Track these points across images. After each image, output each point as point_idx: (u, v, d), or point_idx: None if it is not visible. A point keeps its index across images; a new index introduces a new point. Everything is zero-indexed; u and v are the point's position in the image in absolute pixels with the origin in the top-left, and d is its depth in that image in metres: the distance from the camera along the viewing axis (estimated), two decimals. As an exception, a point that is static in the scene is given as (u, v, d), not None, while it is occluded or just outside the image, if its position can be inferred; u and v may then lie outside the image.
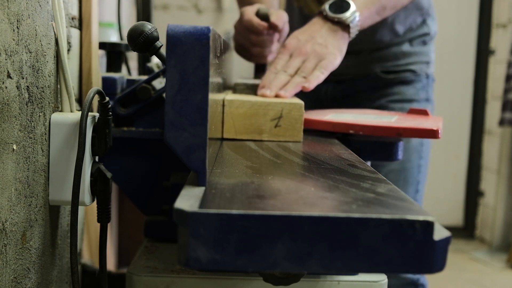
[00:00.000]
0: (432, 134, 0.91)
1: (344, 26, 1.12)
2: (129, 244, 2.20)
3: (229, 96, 0.97)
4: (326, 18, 1.12)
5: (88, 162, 0.79)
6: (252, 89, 1.06)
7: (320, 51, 1.08)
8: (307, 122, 0.99)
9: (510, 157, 3.56)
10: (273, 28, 1.25)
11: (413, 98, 1.45)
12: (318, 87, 1.46)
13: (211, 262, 0.50)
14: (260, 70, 1.39)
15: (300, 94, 1.50)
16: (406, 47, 1.46)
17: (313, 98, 1.52)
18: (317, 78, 1.07)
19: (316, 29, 1.12)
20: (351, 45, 1.18)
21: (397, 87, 1.46)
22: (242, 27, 1.28)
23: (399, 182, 1.43)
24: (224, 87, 1.07)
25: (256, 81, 1.13)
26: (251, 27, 1.26)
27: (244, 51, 1.36)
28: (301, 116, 0.93)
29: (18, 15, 0.66)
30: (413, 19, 1.45)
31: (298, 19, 1.50)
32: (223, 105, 0.91)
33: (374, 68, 1.46)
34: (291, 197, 0.58)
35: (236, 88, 1.09)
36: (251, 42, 1.29)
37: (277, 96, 1.02)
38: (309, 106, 1.38)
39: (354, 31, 1.13)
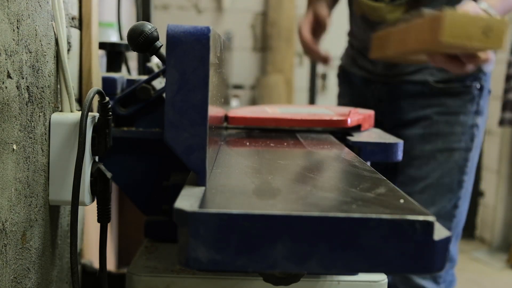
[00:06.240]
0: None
1: None
2: (129, 244, 2.20)
3: None
4: None
5: (88, 162, 0.79)
6: None
7: None
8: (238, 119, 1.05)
9: (510, 157, 3.57)
10: None
11: (459, 111, 1.41)
12: (366, 85, 1.54)
13: (211, 262, 0.50)
14: None
15: (347, 93, 1.63)
16: None
17: (361, 97, 1.54)
18: None
19: None
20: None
21: (444, 99, 1.42)
22: None
23: (436, 197, 1.40)
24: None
25: None
26: None
27: None
28: None
29: (18, 15, 0.66)
30: None
31: (362, 26, 1.51)
32: None
33: (425, 74, 1.43)
34: (291, 197, 0.58)
35: None
36: None
37: None
38: (355, 104, 1.47)
39: None
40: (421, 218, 0.50)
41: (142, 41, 0.75)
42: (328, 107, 1.24)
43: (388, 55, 1.37)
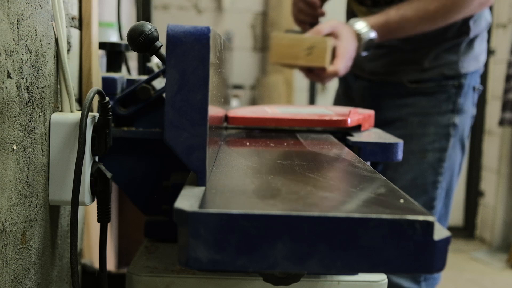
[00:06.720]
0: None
1: None
2: (129, 244, 2.20)
3: None
4: None
5: (88, 162, 0.79)
6: None
7: None
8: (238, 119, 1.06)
9: (510, 157, 3.56)
10: None
11: (433, 111, 1.41)
12: (351, 82, 1.60)
13: (211, 262, 0.50)
14: None
15: (341, 86, 1.70)
16: (434, 53, 1.41)
17: (350, 92, 1.59)
18: None
19: None
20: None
21: (418, 98, 1.42)
22: None
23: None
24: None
25: None
26: None
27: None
28: None
29: (18, 15, 0.66)
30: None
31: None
32: None
33: (401, 75, 1.45)
34: (291, 197, 0.58)
35: None
36: None
37: None
38: (346, 97, 1.58)
39: None
40: (421, 218, 0.50)
41: (142, 41, 0.75)
42: (328, 107, 1.24)
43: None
